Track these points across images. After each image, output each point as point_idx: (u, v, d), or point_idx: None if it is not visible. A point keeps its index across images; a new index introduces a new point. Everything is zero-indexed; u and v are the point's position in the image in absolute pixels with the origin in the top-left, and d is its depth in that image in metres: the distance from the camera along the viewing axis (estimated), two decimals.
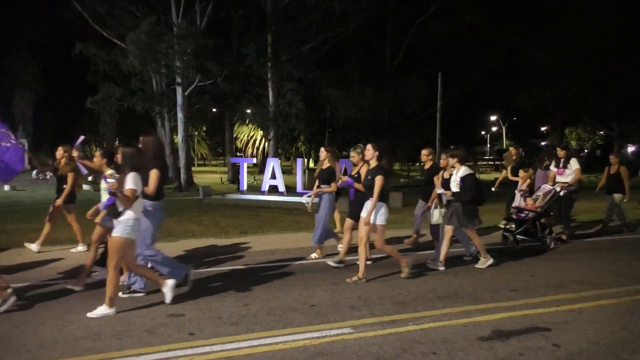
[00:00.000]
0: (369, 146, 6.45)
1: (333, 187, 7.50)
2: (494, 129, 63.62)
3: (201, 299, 5.44)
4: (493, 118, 58.35)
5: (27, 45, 34.65)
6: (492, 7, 31.46)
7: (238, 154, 49.23)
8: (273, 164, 15.62)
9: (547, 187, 9.01)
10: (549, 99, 36.00)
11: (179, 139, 25.42)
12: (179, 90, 23.41)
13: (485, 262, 7.09)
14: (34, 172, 8.75)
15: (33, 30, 33.58)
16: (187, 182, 24.17)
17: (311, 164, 40.76)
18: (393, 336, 4.40)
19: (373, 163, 6.33)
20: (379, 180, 6.07)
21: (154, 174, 5.38)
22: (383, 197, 6.19)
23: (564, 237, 9.17)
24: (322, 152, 7.80)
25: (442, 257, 6.96)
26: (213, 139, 62.31)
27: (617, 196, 9.97)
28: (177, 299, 5.43)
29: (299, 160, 16.80)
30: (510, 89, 36.56)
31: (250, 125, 42.49)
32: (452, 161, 7.15)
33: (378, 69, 33.63)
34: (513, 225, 8.50)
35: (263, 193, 15.23)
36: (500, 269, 7.07)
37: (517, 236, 8.33)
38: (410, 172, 37.37)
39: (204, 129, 58.08)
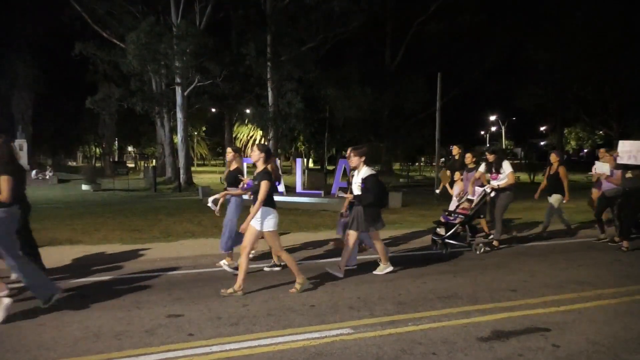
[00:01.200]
0: (254, 147, 5.93)
1: (240, 190, 7.04)
2: (494, 128, 63.63)
3: (200, 300, 5.44)
4: (492, 118, 58.35)
5: (27, 45, 34.68)
6: (492, 7, 31.53)
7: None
8: None
9: (477, 189, 8.55)
10: (548, 99, 36.06)
11: (178, 139, 25.45)
12: (178, 90, 23.43)
13: (384, 268, 6.67)
14: (34, 172, 8.72)
15: (33, 31, 33.63)
16: (187, 182, 24.19)
17: (310, 164, 40.80)
18: (393, 337, 4.39)
19: (260, 166, 5.81)
20: (264, 185, 5.60)
21: (3, 180, 4.97)
22: (270, 202, 5.72)
23: (495, 243, 8.60)
24: (229, 153, 7.23)
25: (342, 264, 6.49)
26: (212, 139, 62.38)
27: (554, 197, 9.48)
28: (176, 300, 5.43)
29: (299, 160, 16.79)
30: (509, 88, 36.64)
31: (249, 125, 42.55)
32: (355, 160, 6.52)
33: (378, 68, 33.70)
34: (443, 229, 8.11)
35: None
36: (500, 269, 7.07)
37: (446, 240, 7.95)
38: (409, 172, 37.34)
39: (204, 129, 58.20)
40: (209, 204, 7.16)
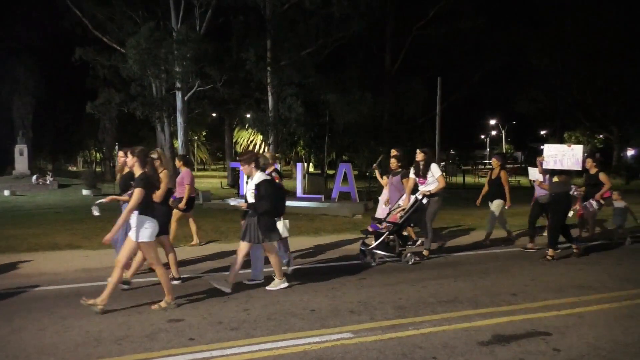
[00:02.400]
0: (129, 151, 5.48)
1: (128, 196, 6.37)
2: (494, 133, 63.74)
3: (201, 304, 5.44)
4: (493, 122, 58.45)
5: (27, 50, 34.71)
6: (492, 11, 31.61)
7: (238, 158, 49.36)
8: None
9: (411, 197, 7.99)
10: (548, 103, 36.12)
11: (178, 143, 25.45)
12: (178, 95, 23.45)
13: (279, 283, 6.11)
14: (34, 177, 8.67)
15: (33, 36, 33.68)
16: None
17: (311, 169, 40.80)
18: (393, 341, 4.39)
19: (136, 171, 5.29)
20: (136, 193, 5.13)
21: None
22: (147, 210, 5.23)
23: (425, 252, 8.06)
24: (121, 157, 6.58)
25: (231, 278, 5.93)
26: (213, 144, 62.48)
27: (496, 203, 9.30)
28: (177, 305, 5.43)
29: (299, 165, 16.83)
30: (509, 92, 36.68)
31: (250, 130, 42.60)
32: (246, 168, 5.96)
33: (378, 73, 33.71)
34: (372, 239, 7.69)
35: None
36: (501, 273, 7.06)
37: (374, 251, 7.47)
38: None
39: (204, 133, 58.25)
40: (94, 210, 6.48)
